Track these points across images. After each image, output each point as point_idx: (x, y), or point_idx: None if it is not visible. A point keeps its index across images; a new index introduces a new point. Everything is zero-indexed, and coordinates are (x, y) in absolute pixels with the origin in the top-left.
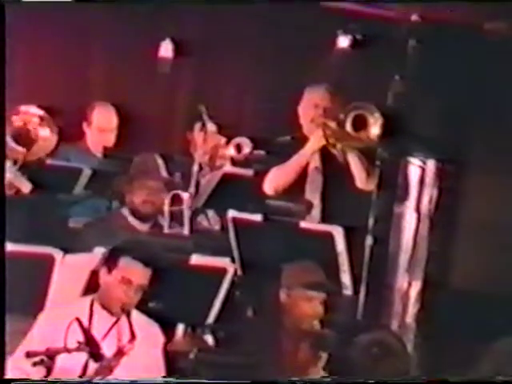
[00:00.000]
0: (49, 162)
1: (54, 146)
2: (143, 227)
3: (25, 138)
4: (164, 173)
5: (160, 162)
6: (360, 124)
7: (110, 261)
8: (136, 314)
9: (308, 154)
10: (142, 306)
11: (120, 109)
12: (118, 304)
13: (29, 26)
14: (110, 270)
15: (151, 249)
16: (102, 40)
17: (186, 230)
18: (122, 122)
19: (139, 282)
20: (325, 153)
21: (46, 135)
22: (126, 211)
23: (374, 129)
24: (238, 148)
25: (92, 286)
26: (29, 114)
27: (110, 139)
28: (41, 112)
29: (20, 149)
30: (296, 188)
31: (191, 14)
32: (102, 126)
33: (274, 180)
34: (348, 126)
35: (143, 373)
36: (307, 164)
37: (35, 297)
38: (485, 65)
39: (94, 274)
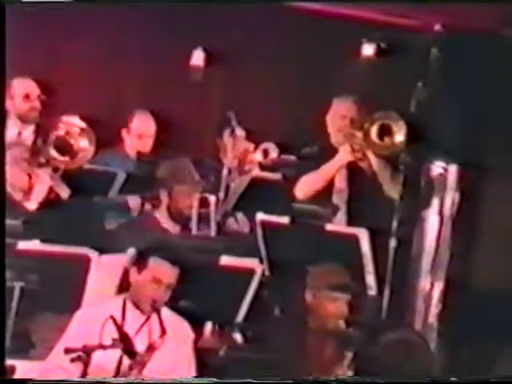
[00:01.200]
0: (86, 166)
1: (92, 155)
2: (174, 229)
3: (65, 148)
4: (194, 177)
5: (191, 166)
6: (385, 132)
7: (139, 261)
8: (166, 312)
9: (336, 167)
10: (172, 304)
11: (154, 115)
12: (149, 302)
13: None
14: (140, 270)
15: (181, 250)
16: (138, 49)
17: (213, 232)
18: (159, 128)
19: (168, 281)
20: (351, 163)
21: (85, 146)
22: (157, 214)
23: (399, 136)
24: (265, 153)
25: (125, 285)
26: (70, 125)
27: (148, 145)
28: (82, 123)
29: (61, 158)
30: (323, 193)
31: (222, 24)
32: (141, 132)
33: (305, 186)
34: (373, 135)
35: (174, 368)
36: (335, 172)
37: (72, 295)
38: (505, 72)
39: (126, 274)
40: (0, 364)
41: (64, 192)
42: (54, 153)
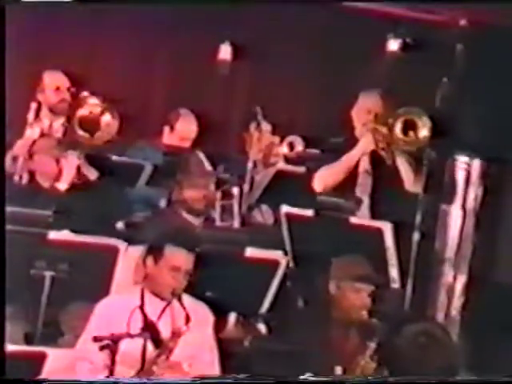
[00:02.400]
0: (114, 158)
1: (116, 131)
2: (196, 221)
3: (89, 126)
4: (215, 169)
5: (204, 158)
6: (409, 127)
7: (155, 251)
8: (187, 298)
9: (357, 156)
10: (197, 295)
11: (178, 107)
12: (169, 289)
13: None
14: (156, 259)
15: (206, 242)
16: (165, 43)
17: (237, 224)
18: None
19: (186, 267)
20: (374, 155)
21: (107, 120)
22: (179, 206)
23: (423, 131)
24: (291, 146)
25: (142, 275)
26: (92, 104)
27: (186, 146)
28: (102, 102)
29: (85, 135)
30: (346, 186)
31: (249, 19)
32: (183, 136)
33: (323, 178)
34: (397, 130)
35: (197, 354)
36: (357, 165)
37: (101, 285)
38: None
39: (143, 265)
40: (0, 364)
41: (92, 174)
42: (79, 131)
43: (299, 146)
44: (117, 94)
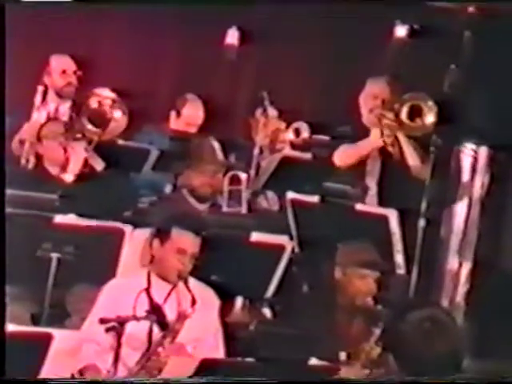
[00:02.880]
0: (120, 142)
1: (125, 126)
2: (202, 207)
3: (99, 119)
4: (221, 155)
5: (216, 144)
6: (416, 113)
7: (162, 233)
8: (193, 281)
9: (368, 149)
10: (203, 279)
11: (185, 92)
12: (175, 272)
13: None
14: (162, 242)
15: (212, 226)
16: (172, 27)
17: (243, 209)
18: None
19: (192, 250)
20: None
21: (118, 117)
22: (185, 192)
23: (429, 117)
24: (297, 132)
25: (149, 258)
26: (102, 97)
27: (192, 131)
28: (113, 95)
29: (95, 129)
30: (355, 173)
31: (257, 3)
32: (190, 121)
33: (344, 155)
34: (404, 116)
35: (202, 337)
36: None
37: (106, 268)
38: None
39: (149, 247)
40: (0, 364)
41: (99, 165)
42: (87, 125)
43: (305, 133)
44: (124, 80)
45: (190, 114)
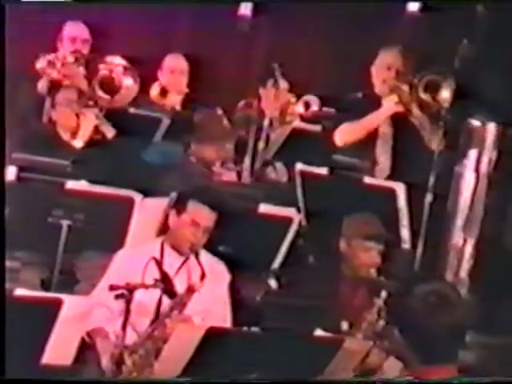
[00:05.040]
0: (131, 110)
1: (136, 94)
2: (212, 177)
3: (109, 87)
4: (230, 126)
5: (226, 115)
6: (432, 88)
7: (179, 204)
8: (204, 254)
9: (381, 119)
10: (211, 249)
11: (197, 62)
12: (187, 245)
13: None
14: (179, 213)
15: (221, 196)
16: None
17: (250, 180)
18: (195, 73)
19: (206, 224)
20: (395, 117)
21: (128, 84)
22: (195, 161)
23: (445, 93)
24: (307, 105)
25: (164, 228)
26: (113, 64)
27: (182, 82)
28: (124, 62)
29: (105, 96)
30: (364, 145)
31: None
32: (172, 67)
33: (345, 134)
34: (421, 90)
35: (210, 310)
36: (378, 125)
37: (116, 235)
38: None
39: (166, 217)
40: (0, 364)
41: (109, 132)
42: (99, 92)
43: (315, 106)
44: (136, 51)
45: (171, 62)
